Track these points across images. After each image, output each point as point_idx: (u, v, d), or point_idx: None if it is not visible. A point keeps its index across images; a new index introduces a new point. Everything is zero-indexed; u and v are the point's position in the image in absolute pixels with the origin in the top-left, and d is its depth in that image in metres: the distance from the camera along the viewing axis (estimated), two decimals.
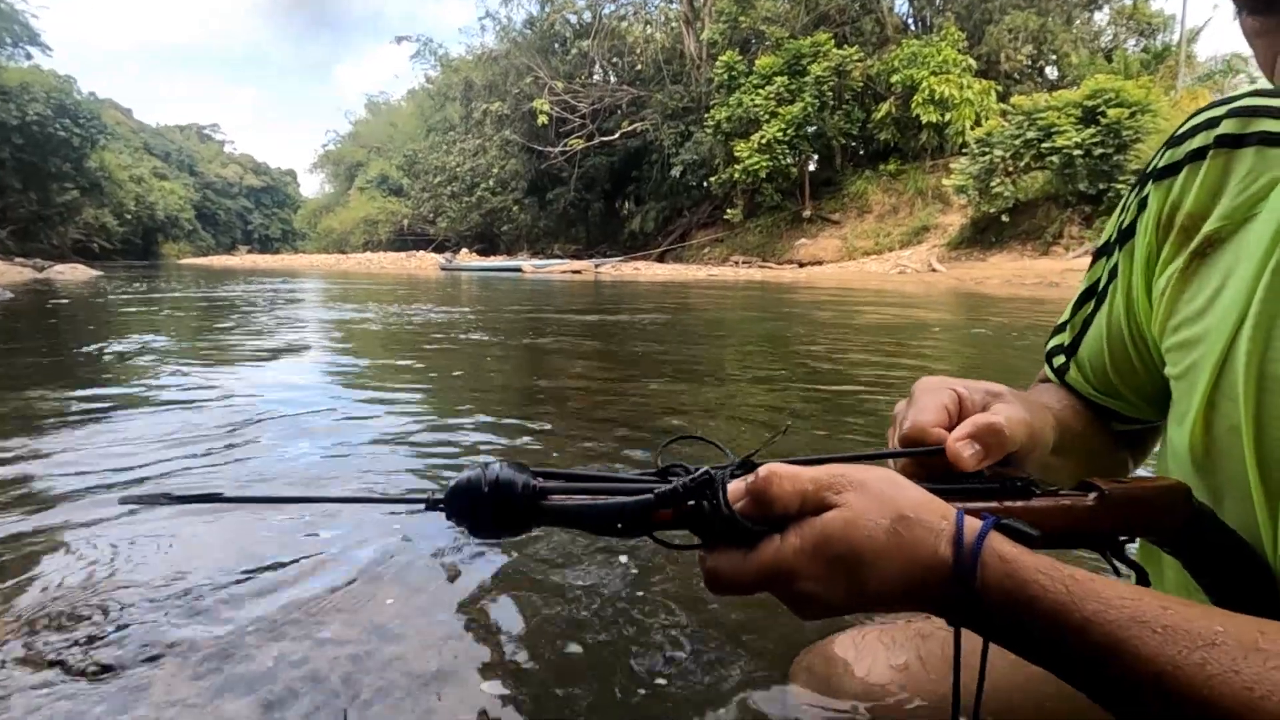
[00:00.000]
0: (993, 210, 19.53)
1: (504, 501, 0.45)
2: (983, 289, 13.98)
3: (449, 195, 43.80)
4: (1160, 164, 0.60)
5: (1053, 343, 0.74)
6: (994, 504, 0.48)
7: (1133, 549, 0.64)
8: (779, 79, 26.29)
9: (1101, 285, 0.67)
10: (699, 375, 3.88)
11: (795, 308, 9.28)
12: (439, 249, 41.16)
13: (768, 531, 0.44)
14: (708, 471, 0.46)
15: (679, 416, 2.83)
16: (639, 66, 35.67)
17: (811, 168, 28.29)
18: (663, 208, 34.02)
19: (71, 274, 17.40)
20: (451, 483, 0.46)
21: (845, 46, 26.01)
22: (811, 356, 4.45)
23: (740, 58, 28.33)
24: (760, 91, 26.40)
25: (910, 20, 28.99)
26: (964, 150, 21.14)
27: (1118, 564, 0.50)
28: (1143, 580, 0.52)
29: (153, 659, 1.07)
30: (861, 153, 28.48)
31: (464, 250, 39.42)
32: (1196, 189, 0.55)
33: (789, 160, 26.37)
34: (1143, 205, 0.61)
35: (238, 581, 1.33)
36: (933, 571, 0.41)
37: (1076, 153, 17.31)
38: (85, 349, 4.70)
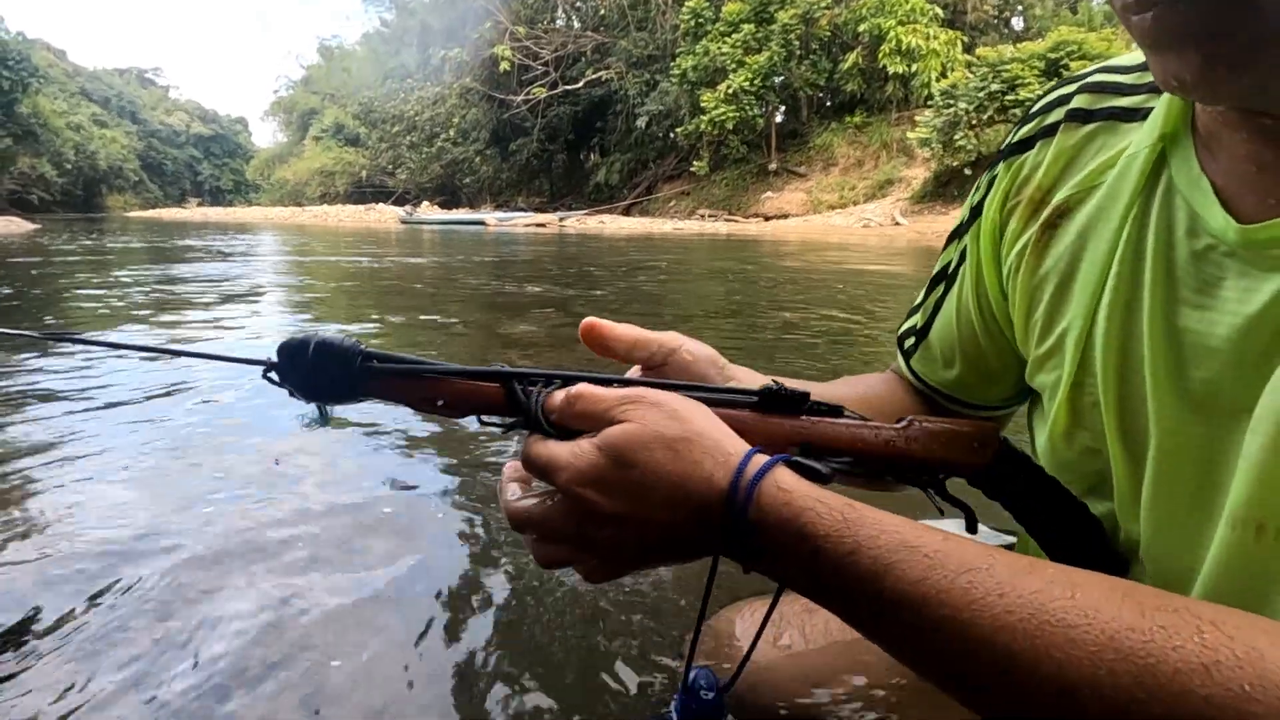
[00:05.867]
0: (955, 163, 19.59)
1: (327, 362, 0.47)
2: (942, 243, 14.05)
3: (408, 146, 42.43)
4: (1014, 139, 0.60)
5: (905, 325, 0.73)
6: (803, 420, 0.49)
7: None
8: (746, 26, 25.74)
9: (952, 268, 0.66)
10: None
11: (768, 274, 9.24)
12: (399, 202, 40.03)
13: (571, 436, 0.47)
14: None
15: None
16: (603, 11, 34.60)
17: (778, 119, 27.99)
18: (628, 159, 33.46)
19: (5, 228, 16.55)
20: (280, 343, 0.48)
21: None
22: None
23: (707, 4, 27.61)
24: (727, 40, 25.84)
25: None
26: (929, 102, 21.06)
27: (943, 503, 0.50)
28: (970, 519, 0.51)
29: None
30: (828, 104, 28.22)
31: (425, 203, 38.41)
32: (1048, 162, 0.55)
33: (755, 111, 26.02)
34: (991, 183, 0.61)
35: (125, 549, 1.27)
36: (708, 493, 0.42)
37: None
38: None
